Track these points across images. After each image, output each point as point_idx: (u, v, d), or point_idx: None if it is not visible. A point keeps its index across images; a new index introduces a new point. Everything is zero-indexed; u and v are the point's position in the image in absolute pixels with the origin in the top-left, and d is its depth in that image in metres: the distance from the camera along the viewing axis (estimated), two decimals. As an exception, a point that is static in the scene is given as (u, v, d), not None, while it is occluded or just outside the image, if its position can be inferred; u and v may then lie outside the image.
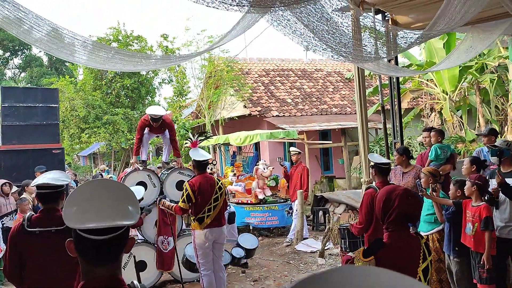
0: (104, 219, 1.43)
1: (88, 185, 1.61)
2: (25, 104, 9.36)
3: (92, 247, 1.46)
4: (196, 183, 5.17)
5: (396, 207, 2.28)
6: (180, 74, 17.19)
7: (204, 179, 5.26)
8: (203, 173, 5.35)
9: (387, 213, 2.30)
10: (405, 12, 6.64)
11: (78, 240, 1.48)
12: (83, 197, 1.50)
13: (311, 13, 3.90)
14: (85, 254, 1.49)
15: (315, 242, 8.40)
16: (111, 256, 1.50)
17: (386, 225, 2.33)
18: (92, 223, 1.42)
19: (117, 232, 1.46)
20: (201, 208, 5.16)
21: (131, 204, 1.53)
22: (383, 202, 2.33)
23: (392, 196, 2.32)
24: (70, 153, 25.62)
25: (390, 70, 6.27)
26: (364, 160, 6.44)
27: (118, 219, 1.46)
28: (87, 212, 1.45)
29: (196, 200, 5.12)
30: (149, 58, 4.76)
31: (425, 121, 13.60)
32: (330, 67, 18.88)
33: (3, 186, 6.75)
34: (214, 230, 5.26)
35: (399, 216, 2.29)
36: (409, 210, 2.31)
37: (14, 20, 3.54)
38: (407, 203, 2.30)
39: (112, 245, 1.48)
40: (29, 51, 39.21)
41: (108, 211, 1.46)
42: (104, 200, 1.49)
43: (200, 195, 5.14)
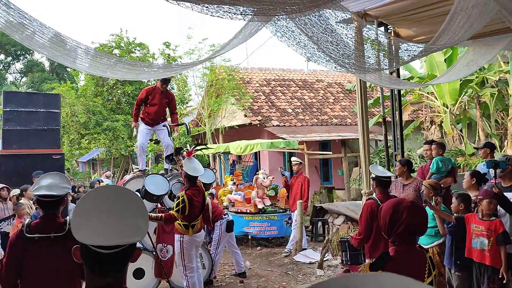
0: (111, 236, 1.40)
1: (97, 194, 1.55)
2: (26, 109, 9.37)
3: (98, 259, 1.44)
4: (193, 196, 5.38)
5: (404, 219, 2.24)
6: (181, 82, 17.24)
7: (197, 191, 5.52)
8: (194, 184, 5.51)
9: (394, 226, 2.27)
10: (408, 26, 6.69)
11: (84, 251, 1.46)
12: (93, 208, 1.46)
13: (315, 25, 3.92)
14: (91, 264, 1.47)
15: (314, 253, 8.36)
16: (116, 268, 1.48)
17: (392, 238, 2.30)
18: (98, 239, 1.39)
19: (124, 246, 1.44)
20: (195, 217, 5.51)
21: (141, 218, 1.49)
22: (390, 215, 2.28)
23: (399, 209, 2.28)
24: (69, 158, 25.57)
25: (392, 83, 6.29)
26: (365, 172, 6.43)
27: (127, 236, 1.43)
28: (95, 226, 1.41)
29: (190, 212, 5.36)
30: (151, 67, 4.77)
31: (425, 133, 13.61)
32: (331, 78, 18.95)
33: (1, 190, 6.72)
34: (201, 233, 5.82)
35: (407, 229, 2.25)
36: (417, 223, 2.28)
37: (17, 25, 3.55)
38: (415, 216, 2.27)
39: (118, 258, 1.46)
40: (31, 56, 39.37)
41: (116, 226, 1.42)
42: (113, 213, 1.45)
43: (195, 208, 5.43)
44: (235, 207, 9.73)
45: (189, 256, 5.64)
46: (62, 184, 3.06)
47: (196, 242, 5.74)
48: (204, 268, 6.66)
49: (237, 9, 2.50)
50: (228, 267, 7.96)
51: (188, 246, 5.60)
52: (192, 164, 5.54)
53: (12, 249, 2.96)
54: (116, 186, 1.68)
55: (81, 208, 1.47)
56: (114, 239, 1.40)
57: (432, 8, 5.74)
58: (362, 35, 5.08)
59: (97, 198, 1.51)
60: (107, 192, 1.56)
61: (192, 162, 5.58)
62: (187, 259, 5.60)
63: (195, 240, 5.68)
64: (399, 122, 7.60)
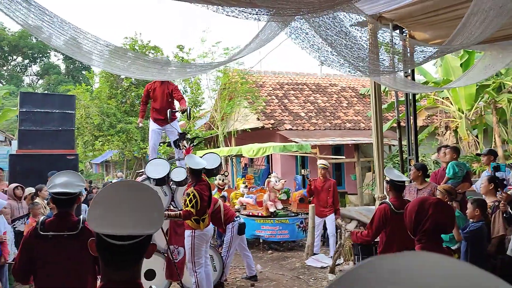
0: (125, 226, 1.41)
1: (115, 187, 1.57)
2: (42, 109, 9.48)
3: (112, 251, 1.44)
4: (202, 191, 5.48)
5: (430, 216, 2.22)
6: (194, 85, 17.32)
7: (205, 185, 5.59)
8: (200, 180, 5.57)
9: (420, 223, 2.24)
10: (423, 29, 6.62)
11: (99, 242, 1.46)
12: (109, 200, 1.48)
13: (329, 27, 3.90)
14: (105, 257, 1.48)
15: (325, 258, 8.29)
16: (131, 262, 1.48)
17: (419, 236, 2.27)
18: (112, 228, 1.40)
19: (139, 238, 1.44)
20: (205, 211, 5.62)
21: (156, 210, 1.50)
22: (416, 212, 2.26)
23: (425, 206, 2.26)
24: (83, 160, 25.84)
25: (407, 86, 6.23)
26: (379, 176, 6.37)
27: (141, 228, 1.43)
28: (110, 216, 1.43)
29: (201, 206, 5.45)
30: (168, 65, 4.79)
31: (439, 139, 13.46)
32: (344, 82, 18.86)
33: (15, 189, 6.79)
34: (210, 228, 5.90)
35: (433, 226, 2.22)
36: (443, 220, 2.25)
37: (38, 25, 3.59)
38: (441, 212, 2.24)
39: (132, 251, 1.46)
40: (48, 58, 39.97)
41: (131, 218, 1.43)
42: (129, 205, 1.46)
43: (206, 201, 5.56)
44: (246, 210, 9.71)
45: (200, 252, 5.70)
46: (76, 182, 3.08)
47: (207, 237, 5.81)
48: (215, 271, 6.64)
49: (252, 9, 2.49)
50: (239, 270, 7.93)
51: (200, 241, 5.67)
52: (194, 160, 5.63)
53: (25, 246, 2.99)
54: (133, 181, 1.69)
55: (98, 200, 1.49)
56: (127, 229, 1.41)
57: (448, 11, 5.67)
58: (376, 38, 5.04)
59: (114, 191, 1.53)
60: (124, 186, 1.57)
61: (193, 158, 5.68)
62: (197, 254, 5.67)
63: (206, 234, 5.76)
64: (414, 127, 7.52)
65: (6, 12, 3.24)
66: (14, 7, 3.14)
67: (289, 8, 2.59)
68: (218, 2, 2.63)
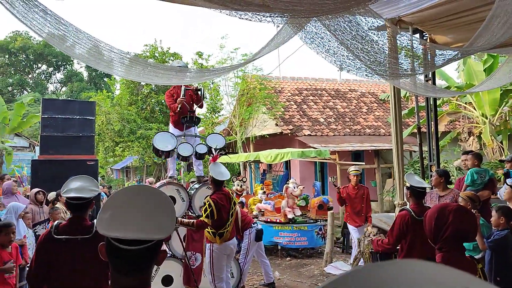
0: (134, 230, 1.38)
1: (126, 191, 1.55)
2: (63, 115, 9.64)
3: (121, 256, 1.41)
4: (219, 200, 5.25)
5: (450, 223, 2.11)
6: (213, 91, 17.40)
7: (224, 195, 5.37)
8: (220, 189, 5.41)
9: (441, 230, 2.14)
10: (444, 32, 6.49)
11: (109, 247, 1.44)
12: (119, 204, 1.46)
13: (345, 31, 3.84)
14: (115, 263, 1.45)
15: (344, 265, 8.17)
16: (141, 267, 1.45)
17: (439, 244, 2.16)
18: (120, 232, 1.38)
19: (148, 244, 1.41)
20: (223, 223, 5.32)
21: (167, 215, 1.47)
22: (436, 219, 2.16)
23: (445, 212, 2.15)
24: (104, 166, 26.20)
25: (427, 91, 6.10)
26: (399, 183, 6.24)
27: (150, 232, 1.40)
28: (119, 220, 1.40)
29: (218, 217, 5.20)
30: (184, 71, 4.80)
31: (462, 145, 13.17)
32: (364, 88, 18.68)
33: (36, 194, 6.89)
34: (231, 243, 5.50)
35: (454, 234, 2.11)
36: (464, 227, 2.14)
37: (58, 36, 3.64)
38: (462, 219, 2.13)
39: (142, 256, 1.43)
40: (71, 66, 40.85)
41: (141, 222, 1.40)
42: (139, 209, 1.44)
43: (222, 212, 5.27)
44: (264, 216, 9.64)
45: (219, 266, 5.47)
46: (90, 187, 3.10)
47: (227, 251, 5.51)
48: (233, 277, 6.60)
49: (265, 11, 2.46)
50: (257, 277, 7.87)
51: (218, 255, 5.43)
52: (218, 169, 5.44)
53: (40, 249, 3.01)
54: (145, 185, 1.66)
55: (108, 204, 1.47)
56: (136, 233, 1.38)
57: (470, 14, 5.55)
58: (395, 42, 4.96)
59: (125, 195, 1.51)
60: (135, 190, 1.55)
61: (218, 167, 5.49)
62: (217, 269, 5.45)
63: (225, 249, 5.46)
64: (435, 133, 7.36)
65: (23, 21, 3.29)
66: (31, 16, 3.19)
67: (303, 10, 2.54)
68: (232, 7, 2.61)
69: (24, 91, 38.86)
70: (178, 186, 6.42)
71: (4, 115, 16.31)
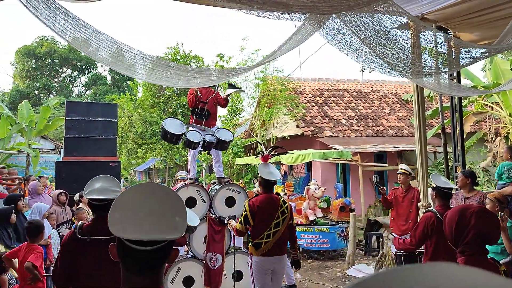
0: (148, 231, 1.36)
1: (136, 189, 1.53)
2: (87, 118, 9.80)
3: (134, 256, 1.40)
4: (257, 204, 4.65)
5: (472, 226, 2.01)
6: (234, 93, 17.42)
7: (267, 199, 4.70)
8: (268, 192, 4.79)
9: (462, 234, 2.04)
10: (469, 30, 6.33)
11: (121, 247, 1.43)
12: (130, 203, 1.44)
13: (368, 27, 3.77)
14: (127, 262, 1.44)
15: (367, 268, 8.04)
16: (153, 267, 1.44)
17: (461, 247, 2.07)
18: (135, 234, 1.36)
19: (161, 244, 1.40)
20: (259, 232, 4.62)
21: (179, 214, 1.45)
22: (457, 222, 2.06)
23: (466, 215, 2.05)
24: (127, 167, 26.54)
25: (452, 90, 5.95)
26: (422, 184, 6.10)
27: (163, 232, 1.38)
28: (132, 221, 1.39)
29: (254, 223, 4.64)
30: (203, 72, 4.81)
31: (489, 146, 12.83)
32: (386, 88, 18.42)
33: (59, 195, 7.00)
34: (272, 259, 4.64)
35: (476, 237, 2.02)
36: (487, 230, 2.04)
37: (82, 40, 3.69)
38: (484, 222, 2.03)
39: (155, 256, 1.41)
40: (95, 70, 41.61)
41: (153, 222, 1.39)
42: (150, 208, 1.42)
43: (259, 218, 4.62)
44: (286, 218, 9.57)
45: (260, 282, 4.68)
46: (112, 188, 3.11)
47: (267, 266, 4.65)
48: (253, 279, 6.57)
49: (283, 9, 2.42)
50: (278, 279, 7.81)
51: (258, 269, 4.66)
52: (267, 169, 4.89)
53: (65, 249, 3.05)
54: (155, 183, 1.64)
55: (118, 203, 1.45)
56: (150, 234, 1.36)
57: (497, 10, 5.38)
58: (419, 39, 4.84)
59: (136, 194, 1.48)
60: (145, 189, 1.52)
61: (268, 167, 4.95)
62: (257, 284, 4.71)
63: (265, 264, 4.64)
64: (460, 133, 7.18)
65: (47, 23, 3.34)
66: (54, 19, 3.23)
67: (322, 7, 2.50)
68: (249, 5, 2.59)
69: (50, 95, 39.75)
70: (199, 187, 6.44)
71: (31, 118, 16.69)
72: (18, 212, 6.02)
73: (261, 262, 4.62)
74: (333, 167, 14.86)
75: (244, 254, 6.11)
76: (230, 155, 16.40)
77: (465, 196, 5.39)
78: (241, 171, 17.30)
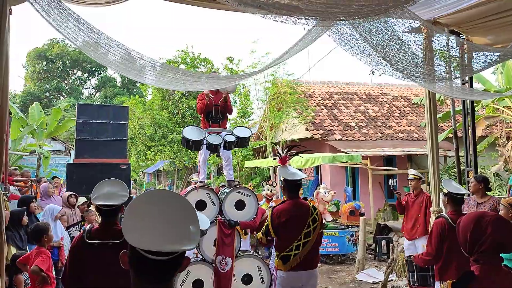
0: (164, 241, 1.36)
1: (149, 196, 1.53)
2: (97, 120, 9.87)
3: (148, 265, 1.39)
4: (283, 213, 4.12)
5: (489, 235, 1.97)
6: (244, 96, 17.46)
7: (294, 207, 4.15)
8: (295, 198, 4.25)
9: (477, 243, 2.01)
10: (482, 34, 6.27)
11: (134, 256, 1.41)
12: (144, 211, 1.43)
13: (381, 32, 3.76)
14: (139, 271, 1.43)
15: (377, 273, 7.98)
16: (165, 276, 1.43)
17: (475, 256, 2.04)
18: (152, 244, 1.35)
19: (176, 253, 1.40)
20: (287, 243, 4.06)
21: (193, 223, 1.44)
22: (472, 230, 2.03)
23: (482, 223, 2.01)
24: (136, 169, 26.68)
25: (464, 94, 5.90)
26: (434, 189, 6.05)
27: (178, 243, 1.38)
28: (147, 230, 1.38)
29: (277, 235, 4.15)
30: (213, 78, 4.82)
31: (500, 150, 12.70)
32: (396, 92, 18.32)
33: (69, 197, 7.05)
34: (303, 274, 4.05)
35: (492, 246, 1.98)
36: (504, 239, 2.00)
37: (92, 44, 3.73)
38: (502, 231, 1.99)
39: (168, 265, 1.41)
40: (105, 72, 41.90)
41: (168, 232, 1.38)
42: (165, 217, 1.41)
43: (284, 229, 4.09)
44: (295, 222, 9.55)
45: None
46: (120, 192, 3.10)
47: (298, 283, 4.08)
48: (263, 283, 6.53)
49: (301, 13, 2.42)
50: (287, 283, 7.78)
51: (284, 285, 4.12)
52: (289, 170, 4.43)
53: (73, 253, 3.06)
54: (168, 191, 1.62)
55: (133, 210, 1.44)
56: (166, 245, 1.36)
57: (510, 15, 5.33)
58: (431, 44, 4.81)
59: (150, 201, 1.47)
60: (159, 196, 1.51)
61: (288, 168, 4.50)
62: None
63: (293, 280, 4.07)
64: (472, 137, 7.11)
65: (59, 29, 3.38)
66: (66, 25, 3.27)
67: (338, 12, 2.49)
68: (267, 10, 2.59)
69: (60, 97, 40.12)
70: (209, 190, 6.43)
71: (42, 120, 16.86)
72: (30, 214, 6.08)
73: (289, 278, 4.05)
74: (342, 170, 14.80)
75: (253, 258, 6.10)
76: (239, 157, 16.40)
77: (478, 202, 5.33)
78: (250, 173, 17.30)
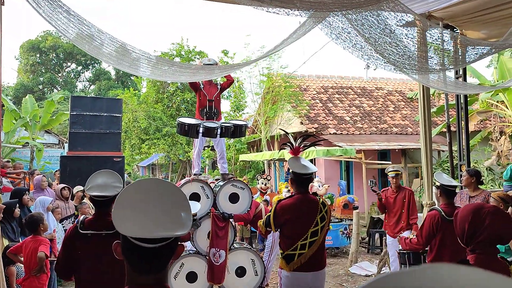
0: (154, 228, 1.34)
1: (139, 185, 1.51)
2: (91, 113, 9.83)
3: (140, 254, 1.38)
4: (289, 208, 3.84)
5: (487, 227, 1.99)
6: (238, 89, 17.43)
7: (302, 202, 3.86)
8: (304, 192, 3.93)
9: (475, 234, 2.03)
10: (476, 28, 6.29)
11: (126, 245, 1.40)
12: (134, 200, 1.41)
13: (373, 25, 3.75)
14: (132, 261, 1.42)
15: (370, 266, 8.04)
16: (159, 265, 1.42)
17: (472, 246, 2.06)
18: (142, 232, 1.34)
19: (168, 240, 1.38)
20: (291, 241, 3.79)
21: (184, 210, 1.43)
22: (470, 222, 2.05)
23: (480, 215, 2.03)
24: (131, 163, 26.61)
25: (457, 88, 5.93)
26: (427, 182, 6.09)
27: (170, 229, 1.37)
28: (137, 218, 1.36)
29: (281, 231, 3.91)
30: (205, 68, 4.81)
31: (493, 145, 12.78)
32: (391, 86, 18.36)
33: (62, 190, 7.03)
34: (308, 276, 3.77)
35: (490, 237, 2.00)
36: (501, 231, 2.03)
37: (85, 37, 3.70)
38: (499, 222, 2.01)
39: (161, 253, 1.40)
40: (99, 65, 41.65)
41: (159, 219, 1.37)
42: (155, 204, 1.40)
43: (289, 225, 3.83)
44: (289, 215, 9.57)
45: None
46: (114, 184, 3.12)
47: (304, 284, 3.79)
48: (257, 275, 6.57)
49: (293, 5, 2.42)
50: (280, 275, 7.82)
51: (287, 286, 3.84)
52: (299, 162, 4.03)
53: (67, 244, 3.08)
54: (156, 179, 1.61)
55: (122, 200, 1.42)
56: (157, 231, 1.34)
57: (504, 9, 5.35)
58: (425, 37, 4.82)
59: (139, 190, 1.46)
60: (149, 184, 1.50)
61: (299, 160, 4.07)
62: None
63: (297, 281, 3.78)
64: (465, 131, 7.15)
65: (49, 21, 3.35)
66: (56, 17, 3.24)
67: (331, 3, 2.48)
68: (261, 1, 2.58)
69: (54, 89, 39.84)
70: (203, 183, 6.44)
71: (35, 113, 16.74)
72: (23, 206, 6.06)
73: (293, 279, 3.77)
74: (336, 164, 14.84)
75: (247, 251, 6.12)
76: (233, 151, 16.41)
77: (470, 195, 5.37)
78: (245, 167, 17.32)
